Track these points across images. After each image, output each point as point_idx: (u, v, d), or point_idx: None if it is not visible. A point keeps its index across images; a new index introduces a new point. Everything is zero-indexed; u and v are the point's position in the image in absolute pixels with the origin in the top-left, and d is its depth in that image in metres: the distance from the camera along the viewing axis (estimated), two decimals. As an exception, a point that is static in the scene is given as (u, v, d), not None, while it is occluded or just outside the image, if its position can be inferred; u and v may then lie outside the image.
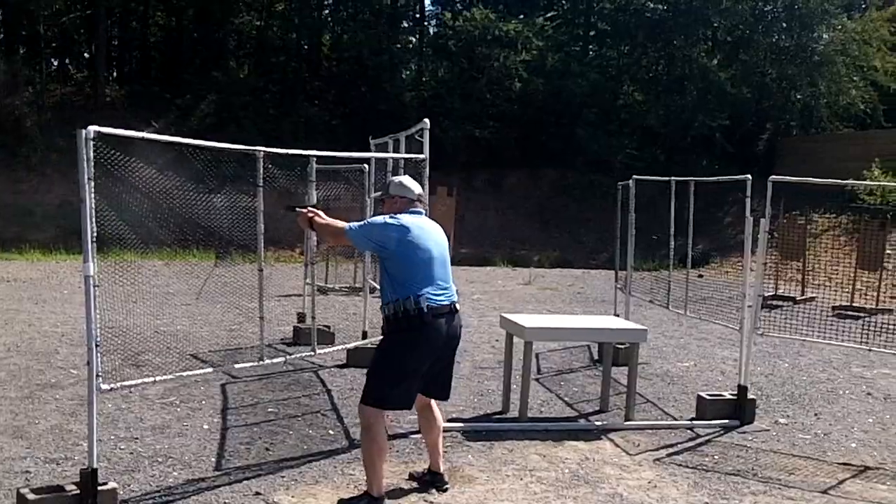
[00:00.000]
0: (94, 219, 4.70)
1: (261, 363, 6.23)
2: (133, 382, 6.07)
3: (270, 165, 6.48)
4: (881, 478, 6.16)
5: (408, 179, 5.46)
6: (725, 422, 7.31)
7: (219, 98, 26.51)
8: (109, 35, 30.35)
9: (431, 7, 33.69)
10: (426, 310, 4.99)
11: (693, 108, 27.96)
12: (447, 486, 5.46)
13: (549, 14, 28.67)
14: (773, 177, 7.55)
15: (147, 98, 26.81)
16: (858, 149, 24.11)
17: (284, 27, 31.64)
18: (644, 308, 12.73)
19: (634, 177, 10.36)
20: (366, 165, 9.37)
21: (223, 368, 7.60)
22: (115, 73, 31.26)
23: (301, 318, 10.62)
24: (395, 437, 6.51)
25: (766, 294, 15.24)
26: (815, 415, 7.91)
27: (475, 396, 7.98)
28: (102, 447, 5.84)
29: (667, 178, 9.83)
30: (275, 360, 6.66)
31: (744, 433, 7.13)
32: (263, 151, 5.79)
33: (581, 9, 32.01)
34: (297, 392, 7.85)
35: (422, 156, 6.83)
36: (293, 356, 8.34)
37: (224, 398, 7.53)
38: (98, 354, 4.81)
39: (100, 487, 4.74)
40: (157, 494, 5.20)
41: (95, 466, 4.73)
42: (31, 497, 4.61)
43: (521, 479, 5.72)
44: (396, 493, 5.34)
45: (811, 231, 18.77)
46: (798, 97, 29.65)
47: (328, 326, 10.06)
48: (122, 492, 5.11)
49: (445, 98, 27.25)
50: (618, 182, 11.12)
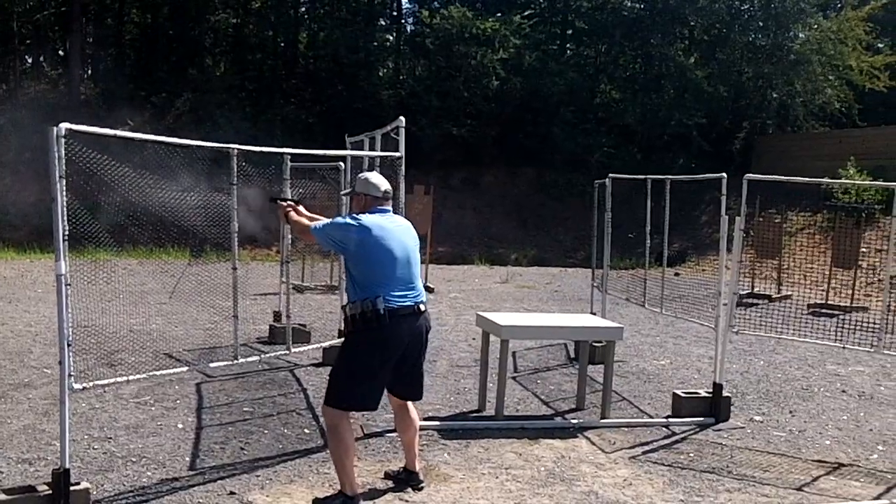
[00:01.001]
0: (66, 217, 4.65)
1: (235, 362, 6.19)
2: (106, 382, 6.02)
3: (245, 163, 6.43)
4: (855, 475, 6.19)
5: (374, 176, 5.37)
6: (701, 419, 7.34)
7: (194, 96, 26.34)
8: (84, 32, 30.06)
9: (408, 5, 33.71)
10: (383, 312, 4.94)
11: (670, 107, 28.06)
12: (422, 485, 5.46)
13: (527, 12, 28.66)
14: (749, 175, 7.58)
15: (122, 96, 26.58)
16: (834, 147, 24.27)
17: (261, 25, 31.47)
18: (621, 306, 12.77)
19: (610, 175, 10.38)
20: (341, 163, 9.34)
21: (198, 367, 7.55)
22: (90, 71, 30.99)
23: (277, 317, 10.57)
24: (371, 436, 6.50)
25: (742, 292, 15.34)
26: (790, 412, 7.95)
27: (451, 395, 7.97)
28: (76, 447, 5.80)
29: (643, 177, 9.85)
30: (249, 359, 6.62)
31: (719, 431, 7.16)
32: (237, 149, 5.75)
33: (558, 7, 32.05)
34: (273, 391, 7.81)
35: (397, 154, 6.81)
36: (268, 355, 8.30)
37: (199, 397, 7.48)
38: (70, 353, 4.77)
39: (72, 488, 4.70)
40: (131, 494, 5.15)
41: (68, 466, 4.68)
42: (2, 497, 4.56)
43: (497, 478, 5.71)
44: (372, 492, 5.33)
45: (787, 229, 18.89)
46: (774, 96, 29.81)
47: (304, 325, 10.02)
48: (95, 492, 5.06)
49: (422, 96, 27.20)
50: (594, 180, 11.14)
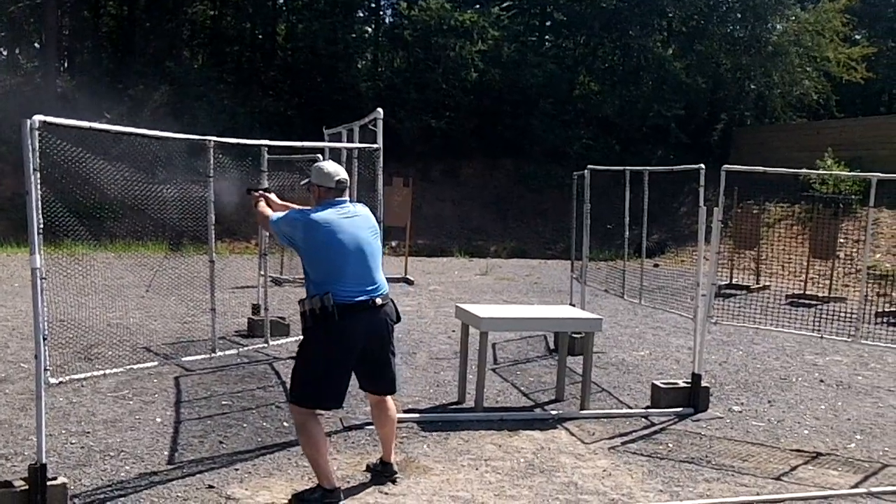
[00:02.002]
0: (41, 210, 4.61)
1: (214, 355, 6.16)
2: (83, 376, 5.98)
3: (222, 155, 6.39)
4: (833, 464, 6.24)
5: (328, 165, 5.27)
6: (680, 410, 7.37)
7: (172, 89, 26.16)
8: (60, 24, 29.75)
9: (387, -4, 33.54)
10: (331, 308, 4.85)
11: (648, 99, 28.14)
12: (397, 477, 5.42)
13: (505, 4, 28.60)
14: (727, 166, 7.61)
15: (99, 88, 26.36)
16: (811, 139, 24.41)
17: (239, 17, 31.30)
18: (600, 298, 12.79)
19: (589, 167, 10.39)
20: (319, 156, 9.30)
21: (176, 361, 7.51)
22: (67, 64, 30.70)
23: (255, 310, 10.52)
24: (350, 429, 6.49)
25: (721, 283, 15.41)
26: (769, 402, 8.00)
27: (431, 387, 7.97)
28: (53, 442, 5.76)
29: (621, 168, 9.86)
30: (228, 353, 6.59)
31: (698, 421, 7.20)
32: (214, 141, 5.72)
33: (537, -1, 32.08)
34: (252, 384, 7.78)
35: (375, 145, 6.79)
36: (246, 348, 8.27)
37: (177, 391, 7.44)
38: (47, 348, 4.73)
39: (49, 482, 4.66)
40: (109, 489, 5.12)
41: (44, 461, 4.65)
42: (-22, 494, 4.52)
43: (477, 469, 5.72)
44: (352, 485, 5.32)
45: (765, 220, 18.99)
46: (752, 87, 29.93)
47: (283, 318, 9.98)
48: (73, 486, 5.03)
49: (401, 88, 27.14)
50: (573, 172, 11.14)
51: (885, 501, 5.52)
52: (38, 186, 4.56)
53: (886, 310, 13.53)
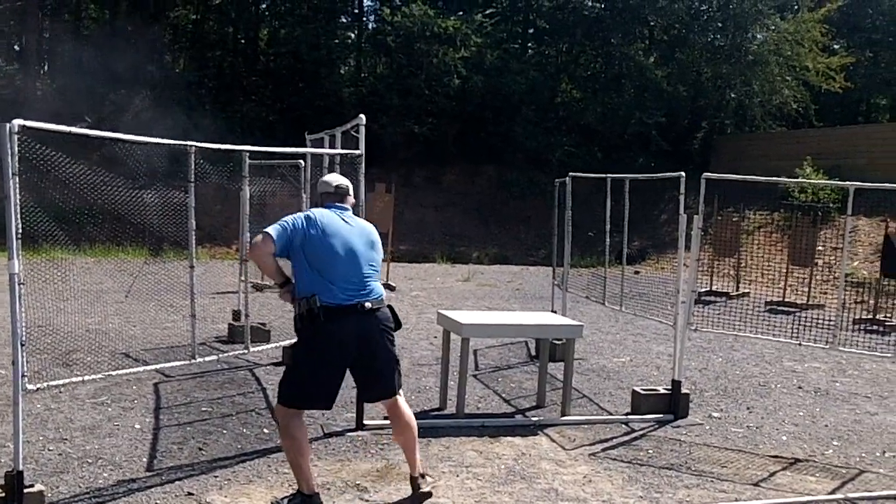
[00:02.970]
0: (20, 215, 4.58)
1: (193, 361, 6.13)
2: (61, 382, 5.94)
3: (203, 161, 6.37)
4: (811, 470, 6.27)
5: (330, 174, 5.45)
6: (660, 416, 7.40)
7: (154, 93, 26.06)
8: (41, 27, 29.65)
9: (370, 2, 33.55)
10: (317, 311, 4.86)
11: (630, 106, 28.24)
12: (422, 489, 5.19)
13: (488, 11, 28.70)
14: (706, 174, 7.65)
15: (80, 92, 26.22)
16: (791, 147, 24.57)
17: (221, 21, 31.25)
18: (581, 304, 12.82)
19: (571, 174, 10.42)
20: (301, 161, 9.29)
21: (155, 367, 7.47)
22: (47, 67, 30.55)
23: (236, 316, 10.49)
24: (331, 436, 6.47)
25: (701, 290, 15.48)
26: (748, 408, 8.04)
27: (413, 393, 7.95)
28: (30, 448, 5.71)
29: (602, 175, 9.90)
30: (207, 359, 6.56)
31: (678, 427, 7.22)
32: (195, 146, 5.70)
33: (520, 6, 32.15)
34: (232, 391, 7.75)
35: (357, 152, 6.78)
36: (227, 354, 8.25)
37: (157, 397, 7.40)
38: (24, 354, 4.70)
39: (26, 490, 4.63)
40: (87, 496, 5.08)
41: (21, 468, 4.61)
42: (-47, 501, 4.49)
43: (458, 476, 5.71)
44: (332, 491, 5.31)
45: (745, 228, 19.08)
46: (732, 96, 30.09)
47: (263, 324, 9.94)
48: (50, 494, 4.99)
49: (384, 94, 27.15)
50: (555, 179, 11.17)
51: (863, 508, 5.56)
52: (18, 191, 4.53)
53: (864, 317, 13.64)
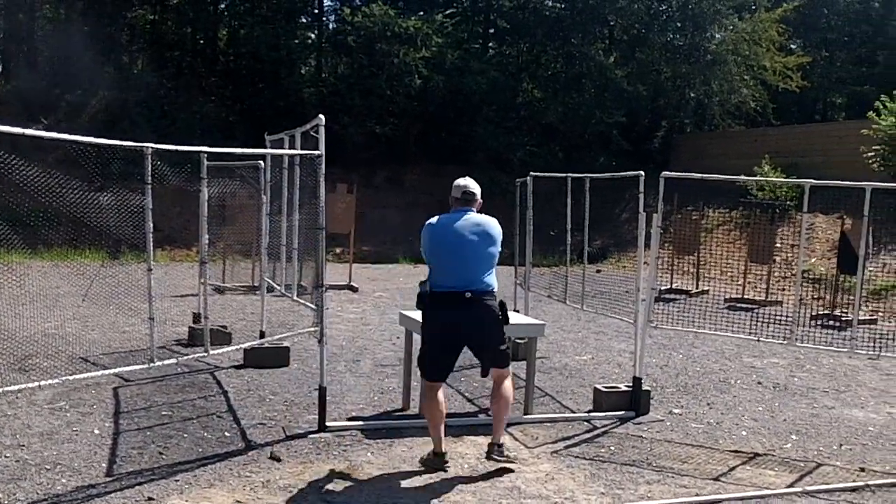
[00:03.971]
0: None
1: (153, 365, 6.06)
2: (17, 387, 5.85)
3: (160, 162, 6.30)
4: (770, 464, 6.34)
5: (461, 179, 6.29)
6: (621, 413, 7.45)
7: (111, 94, 25.78)
8: (-6, 27, 29.27)
9: (330, 2, 33.45)
10: (427, 297, 5.83)
11: (591, 106, 28.36)
12: (502, 456, 5.88)
13: (449, 11, 28.67)
14: (665, 173, 7.71)
15: (36, 94, 25.88)
16: (749, 146, 24.83)
17: (179, 21, 30.91)
18: (543, 303, 12.85)
19: (531, 173, 10.45)
20: (261, 162, 9.23)
21: (114, 371, 7.38)
22: (1, 67, 30.12)
23: (196, 319, 10.40)
24: (293, 438, 6.44)
25: (662, 287, 15.61)
26: (708, 404, 8.11)
27: (376, 394, 7.95)
28: (-15, 456, 5.63)
29: (563, 175, 9.93)
30: (166, 362, 6.48)
31: (639, 424, 7.27)
32: (151, 148, 5.63)
33: (480, 6, 32.17)
34: (193, 394, 7.69)
35: (317, 152, 6.75)
36: (186, 357, 8.14)
37: (116, 402, 7.33)
38: (-22, 359, 4.63)
39: (-19, 498, 4.56)
40: (45, 503, 5.02)
41: (-24, 476, 4.54)
42: None
43: (421, 476, 5.71)
44: (295, 494, 5.28)
45: (704, 226, 19.25)
46: (692, 95, 30.35)
47: (224, 326, 9.88)
48: (7, 501, 4.93)
49: (345, 94, 27.03)
50: (516, 179, 11.19)
51: (820, 500, 5.62)
52: (-30, 194, 4.47)
53: (821, 312, 13.82)
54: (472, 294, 5.72)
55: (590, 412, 7.54)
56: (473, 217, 6.04)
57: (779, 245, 17.25)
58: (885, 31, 32.71)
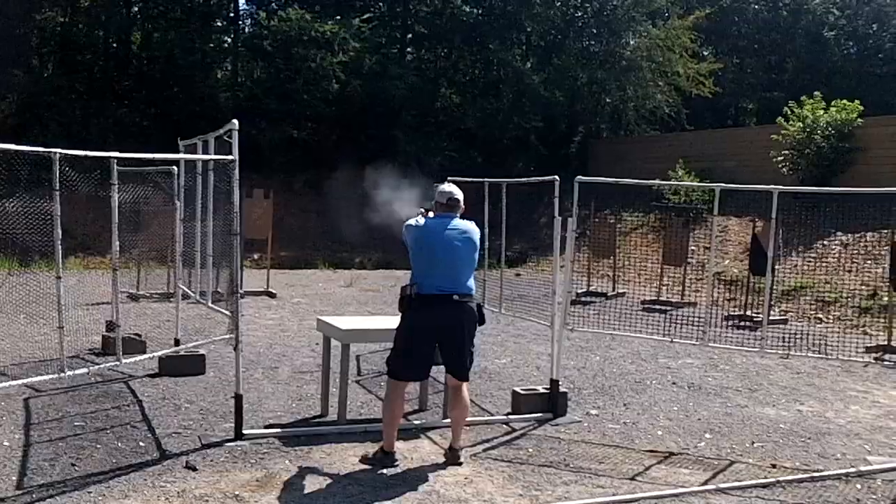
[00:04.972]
0: None
1: (63, 375, 5.92)
2: (-80, 401, 5.66)
3: (69, 168, 6.16)
4: (684, 462, 6.48)
5: (446, 185, 6.49)
6: (539, 415, 7.52)
7: (21, 98, 25.11)
8: None
9: (245, 6, 33.01)
10: (412, 298, 6.06)
11: (508, 111, 28.54)
12: (461, 461, 6.16)
13: (366, 16, 28.58)
14: (580, 177, 7.82)
15: (-60, 98, 25.12)
16: (664, 150, 25.26)
17: (91, 24, 30.20)
18: (463, 307, 12.90)
19: (448, 178, 10.46)
20: (175, 168, 9.09)
21: (24, 381, 7.18)
22: None
23: (110, 327, 10.18)
24: (209, 447, 6.35)
25: (579, 290, 15.80)
26: (625, 405, 8.24)
27: (293, 401, 7.89)
28: None
29: (480, 180, 9.98)
30: (78, 372, 6.34)
31: (557, 425, 7.36)
32: (59, 153, 5.51)
33: (398, 11, 32.14)
34: (106, 404, 7.53)
35: (230, 157, 6.68)
36: (98, 367, 8.00)
37: (27, 413, 7.13)
38: None
39: None
40: (-51, 519, 4.87)
41: None
42: None
43: (339, 482, 5.69)
44: (210, 503, 5.22)
45: (621, 229, 19.54)
46: (608, 101, 30.73)
47: (138, 334, 9.70)
48: None
49: (261, 99, 26.75)
50: (434, 184, 11.20)
51: (733, 496, 5.76)
52: None
53: (734, 313, 14.15)
54: (459, 297, 6.06)
55: (508, 415, 7.60)
56: (459, 223, 6.30)
57: (693, 247, 17.62)
58: (793, 39, 33.61)
